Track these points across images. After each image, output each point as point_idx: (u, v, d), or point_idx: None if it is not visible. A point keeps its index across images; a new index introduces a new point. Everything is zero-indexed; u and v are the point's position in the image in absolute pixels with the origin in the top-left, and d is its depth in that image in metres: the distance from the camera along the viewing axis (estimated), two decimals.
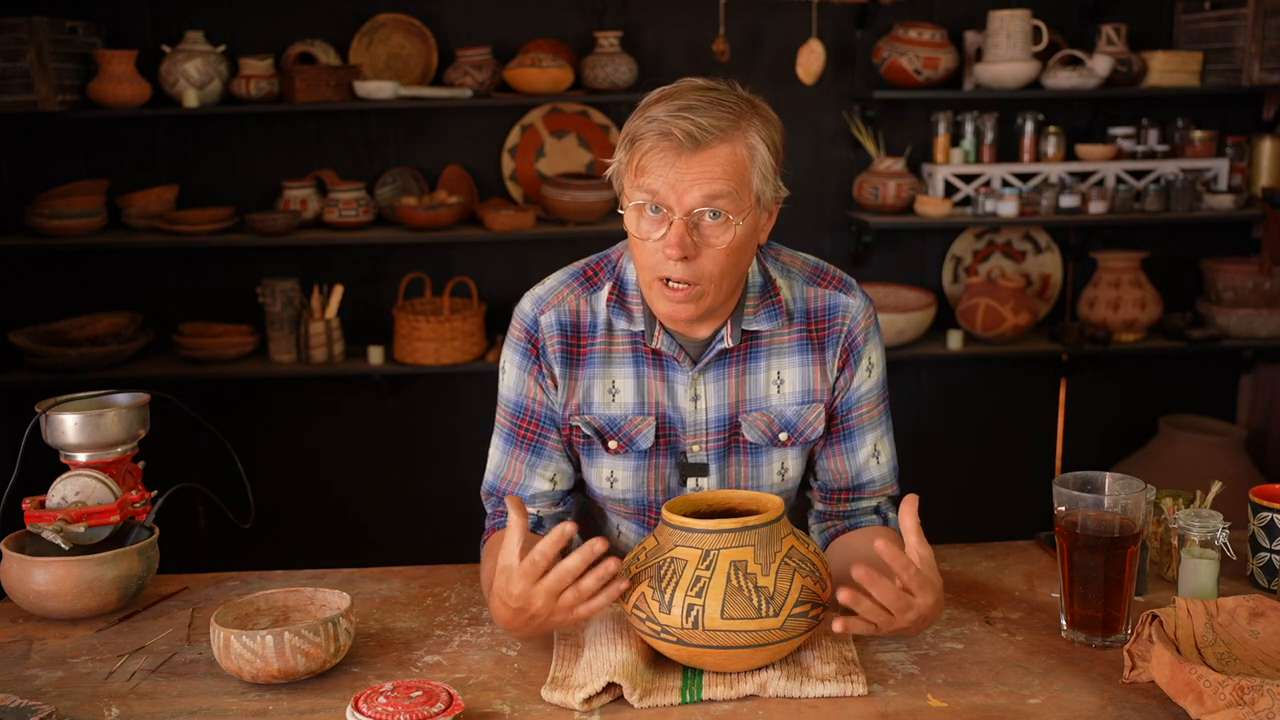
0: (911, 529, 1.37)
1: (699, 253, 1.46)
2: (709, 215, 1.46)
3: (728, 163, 1.45)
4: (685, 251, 1.45)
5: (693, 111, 1.43)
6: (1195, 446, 3.71)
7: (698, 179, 1.44)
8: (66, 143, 3.66)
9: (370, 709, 1.24)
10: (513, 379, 1.64)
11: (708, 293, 1.49)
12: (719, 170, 1.44)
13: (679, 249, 1.45)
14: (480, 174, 3.77)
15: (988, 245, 3.92)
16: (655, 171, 1.45)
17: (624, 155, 1.49)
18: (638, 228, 1.49)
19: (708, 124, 1.43)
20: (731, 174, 1.45)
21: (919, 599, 1.34)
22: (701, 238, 1.46)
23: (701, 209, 1.45)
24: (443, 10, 3.66)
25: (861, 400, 1.65)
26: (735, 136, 1.45)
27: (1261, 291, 3.72)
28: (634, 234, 1.49)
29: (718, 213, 1.46)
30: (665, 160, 1.44)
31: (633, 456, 1.63)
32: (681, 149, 1.43)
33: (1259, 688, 1.16)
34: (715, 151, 1.44)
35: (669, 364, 1.60)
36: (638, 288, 1.59)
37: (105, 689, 1.39)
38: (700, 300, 1.49)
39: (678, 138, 1.42)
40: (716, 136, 1.43)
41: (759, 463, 1.64)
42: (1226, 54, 3.55)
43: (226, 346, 3.58)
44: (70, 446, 1.64)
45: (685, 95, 1.46)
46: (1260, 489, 1.62)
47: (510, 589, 1.36)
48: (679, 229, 1.45)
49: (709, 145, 1.43)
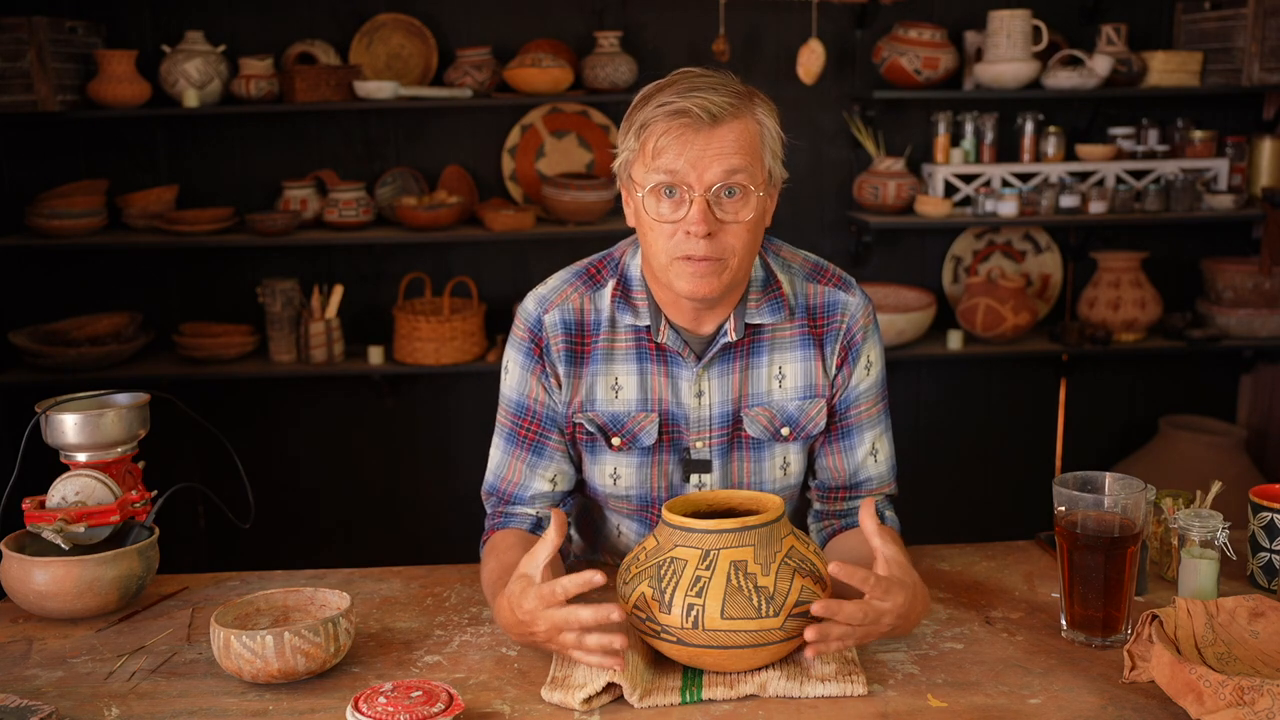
0: (873, 531, 1.36)
1: (721, 228, 1.47)
2: (726, 193, 1.46)
3: (743, 137, 1.46)
4: (710, 227, 1.45)
5: (702, 91, 1.44)
6: (1195, 446, 3.71)
7: (717, 154, 1.45)
8: (66, 143, 3.66)
9: (370, 709, 1.24)
10: (515, 378, 1.64)
11: (730, 266, 1.49)
12: (735, 145, 1.45)
13: (704, 224, 1.45)
14: (480, 174, 3.77)
15: (988, 245, 3.92)
16: (673, 150, 1.45)
17: (633, 143, 1.49)
18: (656, 211, 1.48)
19: (721, 101, 1.44)
20: (747, 148, 1.46)
21: (889, 603, 1.32)
22: (723, 213, 1.47)
23: (721, 184, 1.45)
24: (443, 10, 3.66)
25: (860, 398, 1.65)
26: (746, 113, 1.47)
27: (1261, 291, 3.72)
28: (652, 217, 1.49)
29: (733, 190, 1.46)
30: (683, 138, 1.45)
31: (636, 453, 1.63)
32: (699, 125, 1.44)
33: (1259, 688, 1.16)
34: (731, 126, 1.45)
35: (673, 360, 1.60)
36: (643, 283, 1.59)
37: (105, 689, 1.39)
38: (723, 274, 1.49)
39: (695, 113, 1.43)
40: (730, 112, 1.45)
41: (761, 458, 1.64)
42: (1226, 54, 3.55)
43: (226, 346, 3.58)
44: (70, 446, 1.64)
45: (688, 79, 1.47)
46: (1260, 489, 1.62)
47: (522, 601, 1.36)
48: (701, 205, 1.45)
49: (724, 120, 1.45)
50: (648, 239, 1.52)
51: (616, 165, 1.54)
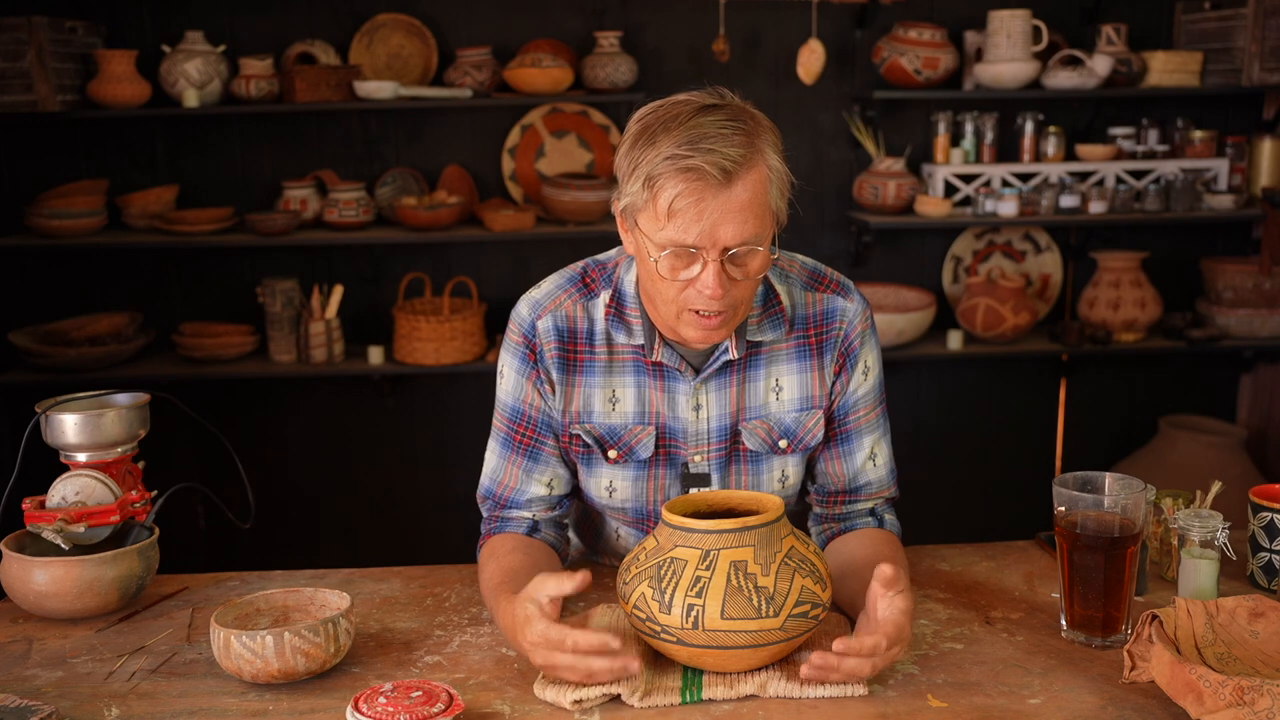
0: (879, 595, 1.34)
1: (732, 285, 1.45)
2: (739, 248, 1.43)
3: (755, 192, 1.41)
4: (723, 288, 1.43)
5: (712, 141, 1.37)
6: (1195, 446, 3.71)
7: (732, 219, 1.40)
8: (66, 143, 3.66)
9: (370, 709, 1.24)
10: (510, 383, 1.64)
11: (739, 314, 1.50)
12: (749, 206, 1.40)
13: (719, 288, 1.42)
14: (480, 174, 3.77)
15: (988, 245, 3.92)
16: (688, 216, 1.39)
17: (641, 191, 1.42)
18: (668, 270, 1.44)
19: (734, 154, 1.38)
20: (759, 205, 1.42)
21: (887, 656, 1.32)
22: (734, 271, 1.44)
23: (735, 250, 1.42)
24: (443, 10, 3.66)
25: (859, 404, 1.64)
26: (757, 160, 1.41)
27: (1261, 291, 3.72)
28: (660, 274, 1.44)
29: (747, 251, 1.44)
30: (696, 202, 1.39)
31: (632, 466, 1.62)
32: (711, 185, 1.38)
33: (1259, 688, 1.16)
34: (745, 183, 1.40)
35: (670, 374, 1.60)
36: (636, 300, 1.58)
37: (105, 689, 1.39)
38: (732, 324, 1.50)
39: (710, 173, 1.37)
40: (743, 164, 1.39)
41: (759, 470, 1.64)
42: (1226, 54, 3.54)
43: (226, 346, 3.58)
44: (70, 446, 1.64)
45: (696, 124, 1.39)
46: (1260, 489, 1.62)
47: (527, 630, 1.34)
48: (716, 270, 1.42)
49: (738, 177, 1.39)
50: (655, 286, 1.48)
51: (620, 209, 1.48)
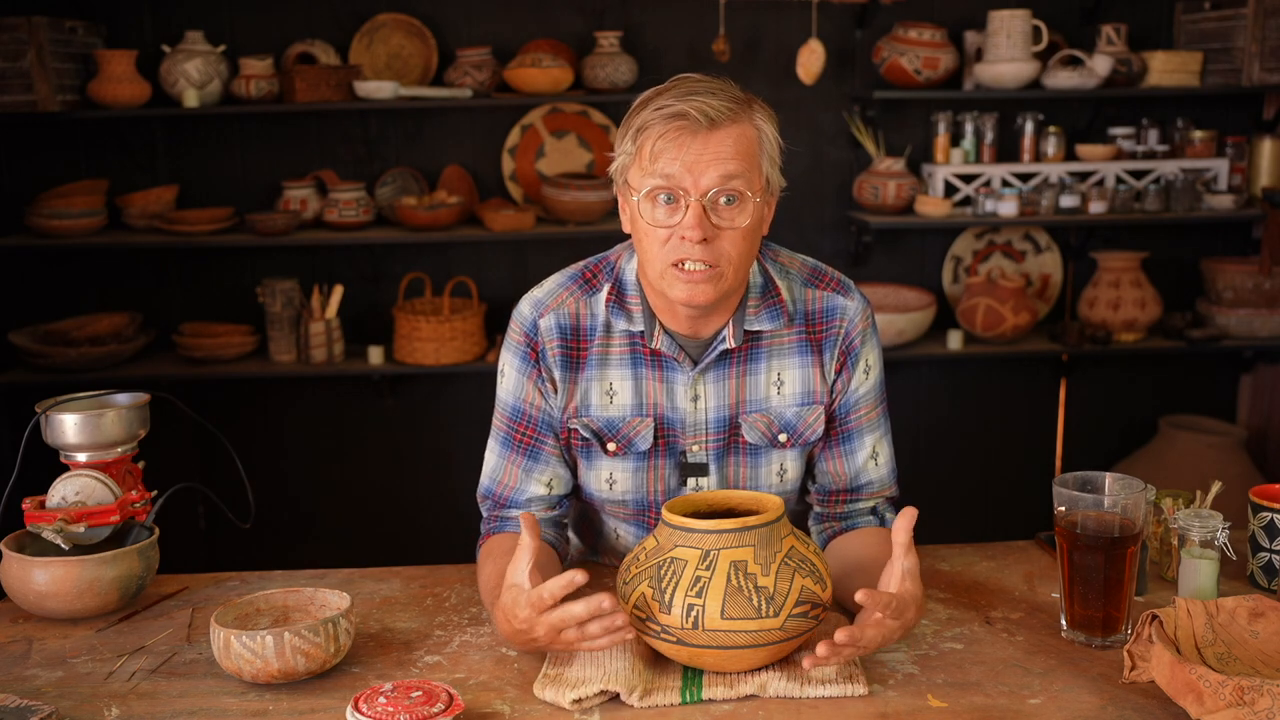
0: (903, 545, 1.37)
1: (717, 235, 1.46)
2: (724, 199, 1.46)
3: (740, 142, 1.46)
4: (705, 233, 1.44)
5: (700, 95, 1.44)
6: (1195, 446, 3.71)
7: (714, 159, 1.44)
8: (66, 143, 3.66)
9: (370, 709, 1.24)
10: (511, 383, 1.64)
11: (726, 275, 1.48)
12: (733, 149, 1.45)
13: (699, 230, 1.44)
14: (480, 174, 3.77)
15: (988, 245, 3.92)
16: (669, 155, 1.44)
17: (630, 147, 1.48)
18: (651, 216, 1.47)
19: (719, 104, 1.44)
20: (744, 153, 1.46)
21: (901, 620, 1.34)
22: (719, 219, 1.46)
23: (718, 190, 1.45)
24: (443, 10, 3.66)
25: (859, 403, 1.64)
26: (744, 119, 1.47)
27: (1261, 291, 3.72)
28: (647, 222, 1.48)
29: (732, 197, 1.46)
30: (679, 142, 1.44)
31: (632, 458, 1.62)
32: (697, 129, 1.43)
33: (1259, 688, 1.16)
34: (729, 131, 1.45)
35: (668, 364, 1.60)
36: (637, 288, 1.59)
37: (105, 689, 1.39)
38: (719, 282, 1.48)
39: (694, 116, 1.43)
40: (728, 117, 1.44)
41: (758, 464, 1.64)
42: (1226, 54, 3.54)
43: (226, 346, 3.58)
44: (70, 446, 1.64)
45: (687, 84, 1.47)
46: (1260, 489, 1.62)
47: (516, 610, 1.36)
48: (697, 210, 1.44)
49: (722, 125, 1.44)
50: (643, 245, 1.51)
51: (613, 170, 1.53)
